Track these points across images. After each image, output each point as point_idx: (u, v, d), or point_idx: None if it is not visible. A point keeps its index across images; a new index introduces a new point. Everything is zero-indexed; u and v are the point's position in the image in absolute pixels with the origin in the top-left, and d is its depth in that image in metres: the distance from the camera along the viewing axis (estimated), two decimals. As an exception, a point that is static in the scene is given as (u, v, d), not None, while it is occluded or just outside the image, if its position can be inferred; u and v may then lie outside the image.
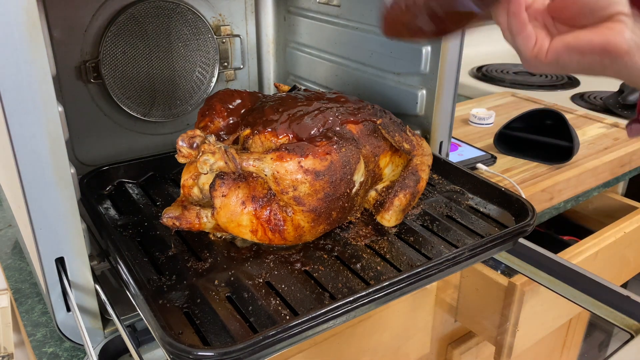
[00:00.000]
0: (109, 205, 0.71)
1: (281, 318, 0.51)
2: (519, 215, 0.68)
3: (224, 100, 0.71)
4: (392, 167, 0.69)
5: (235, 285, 0.56)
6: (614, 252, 0.93)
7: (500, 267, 0.86)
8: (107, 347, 0.58)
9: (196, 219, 0.61)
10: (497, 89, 1.59)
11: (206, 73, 0.94)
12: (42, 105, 0.46)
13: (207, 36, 0.91)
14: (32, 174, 0.48)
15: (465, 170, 0.77)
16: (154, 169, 0.78)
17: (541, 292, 0.81)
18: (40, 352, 0.60)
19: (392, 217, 0.66)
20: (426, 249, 0.63)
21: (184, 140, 0.56)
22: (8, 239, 0.80)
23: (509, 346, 0.85)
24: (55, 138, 0.47)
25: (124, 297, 0.55)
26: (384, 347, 0.83)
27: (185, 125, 0.94)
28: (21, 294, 0.69)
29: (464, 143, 1.08)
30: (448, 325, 0.94)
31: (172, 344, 0.46)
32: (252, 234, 0.60)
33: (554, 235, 1.20)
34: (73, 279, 0.53)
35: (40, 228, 0.50)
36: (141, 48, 0.85)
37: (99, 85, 0.83)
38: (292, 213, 0.59)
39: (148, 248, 0.62)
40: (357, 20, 0.90)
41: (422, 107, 0.85)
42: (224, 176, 0.59)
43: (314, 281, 0.57)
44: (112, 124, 0.87)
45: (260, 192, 0.59)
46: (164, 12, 0.85)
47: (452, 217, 0.69)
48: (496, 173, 0.99)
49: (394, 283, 0.54)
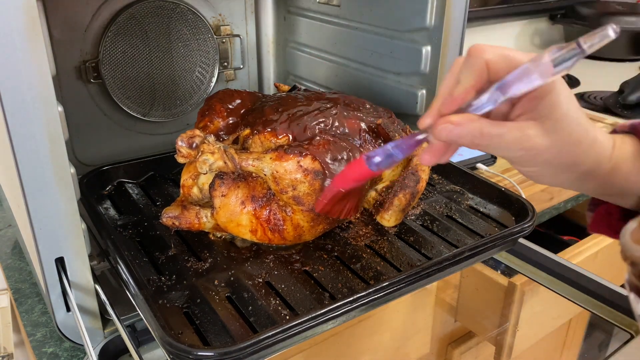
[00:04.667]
0: (108, 205, 0.71)
1: (281, 318, 0.51)
2: (519, 215, 0.68)
3: (224, 100, 0.71)
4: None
5: (235, 285, 0.56)
6: (614, 252, 0.93)
7: (500, 267, 0.86)
8: (107, 347, 0.58)
9: (196, 219, 0.61)
10: (497, 89, 1.59)
11: (206, 73, 0.94)
12: (42, 105, 0.46)
13: (207, 36, 0.91)
14: (32, 174, 0.47)
15: (465, 170, 0.77)
16: (153, 169, 0.78)
17: (541, 292, 0.81)
18: (40, 352, 0.60)
19: (391, 217, 0.66)
20: (426, 249, 0.63)
21: (184, 140, 0.56)
22: (8, 239, 0.80)
23: (509, 346, 0.85)
24: (55, 138, 0.47)
25: (124, 297, 0.55)
26: (384, 347, 0.83)
27: (185, 125, 0.94)
28: (21, 294, 0.69)
29: (464, 143, 1.07)
30: (448, 325, 0.94)
31: (172, 344, 0.46)
32: (252, 233, 0.60)
33: (554, 235, 1.20)
34: (73, 279, 0.53)
35: (40, 228, 0.50)
36: (141, 48, 0.85)
37: (99, 85, 0.83)
38: (291, 213, 0.59)
39: (148, 248, 0.62)
40: (357, 20, 0.90)
41: (422, 107, 0.85)
42: (224, 176, 0.59)
43: (314, 281, 0.57)
44: (112, 124, 0.87)
45: (260, 192, 0.59)
46: (164, 12, 0.85)
47: (452, 217, 0.69)
48: (496, 173, 0.99)
49: (394, 283, 0.54)
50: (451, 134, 0.39)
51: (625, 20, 1.70)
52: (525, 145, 0.39)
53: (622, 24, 1.68)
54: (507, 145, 0.39)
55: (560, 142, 0.39)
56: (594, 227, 0.49)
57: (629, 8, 1.78)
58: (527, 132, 0.39)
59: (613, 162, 0.42)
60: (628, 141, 0.43)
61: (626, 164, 0.42)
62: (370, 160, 0.46)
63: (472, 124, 0.39)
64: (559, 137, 0.39)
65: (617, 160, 0.42)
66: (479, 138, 0.39)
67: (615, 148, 0.42)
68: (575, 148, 0.40)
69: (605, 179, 0.42)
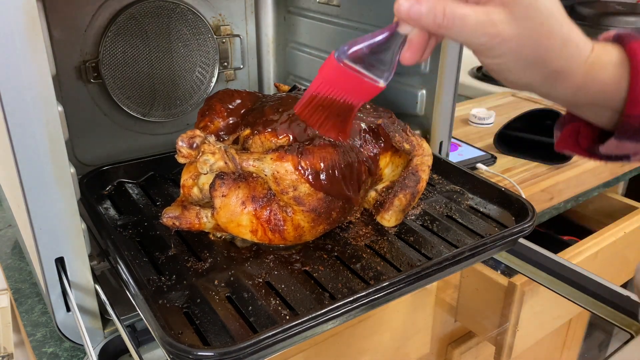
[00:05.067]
0: (108, 205, 0.71)
1: (281, 318, 0.51)
2: (519, 215, 0.68)
3: (224, 100, 0.71)
4: (392, 167, 0.69)
5: (235, 285, 0.56)
6: (614, 252, 0.93)
7: (500, 267, 0.86)
8: (107, 347, 0.58)
9: (196, 219, 0.61)
10: (497, 89, 1.59)
11: (206, 73, 0.94)
12: (42, 105, 0.46)
13: (207, 36, 0.91)
14: (32, 174, 0.47)
15: (465, 170, 0.77)
16: (153, 169, 0.78)
17: (541, 292, 0.81)
18: (40, 352, 0.60)
19: (392, 217, 0.66)
20: (426, 249, 0.63)
21: (184, 140, 0.56)
22: (8, 239, 0.80)
23: (509, 346, 0.85)
24: (55, 138, 0.47)
25: (124, 297, 0.55)
26: (384, 347, 0.83)
27: (185, 125, 0.94)
28: (21, 294, 0.69)
29: (464, 143, 1.08)
30: (448, 325, 0.94)
31: (172, 344, 0.46)
32: (252, 234, 0.60)
33: (554, 235, 1.20)
34: (73, 279, 0.53)
35: (40, 228, 0.50)
36: (141, 48, 0.85)
37: (99, 85, 0.83)
38: (292, 213, 0.59)
39: (148, 248, 0.62)
40: (357, 20, 0.90)
41: (422, 107, 0.85)
42: (224, 176, 0.59)
43: (314, 281, 0.57)
44: (112, 124, 0.87)
45: (260, 192, 0.59)
46: (164, 12, 0.85)
47: (452, 217, 0.69)
48: (496, 173, 0.99)
49: (394, 283, 0.54)
50: (411, 11, 0.38)
51: (625, 20, 1.70)
52: (489, 31, 0.37)
53: (622, 24, 1.68)
54: (471, 29, 0.37)
55: (528, 31, 0.37)
56: (560, 145, 0.46)
57: (629, 8, 1.78)
58: (493, 17, 0.37)
59: (588, 66, 0.39)
60: (611, 50, 0.40)
61: (604, 72, 0.39)
62: (338, 50, 0.44)
63: (435, 1, 0.37)
64: (528, 25, 0.37)
65: (594, 66, 0.39)
66: (440, 18, 0.37)
67: (593, 53, 0.39)
68: (545, 41, 0.37)
69: (578, 85, 0.40)
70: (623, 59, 0.39)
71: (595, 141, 0.42)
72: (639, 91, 0.38)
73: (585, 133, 0.44)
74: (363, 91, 0.48)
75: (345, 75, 0.46)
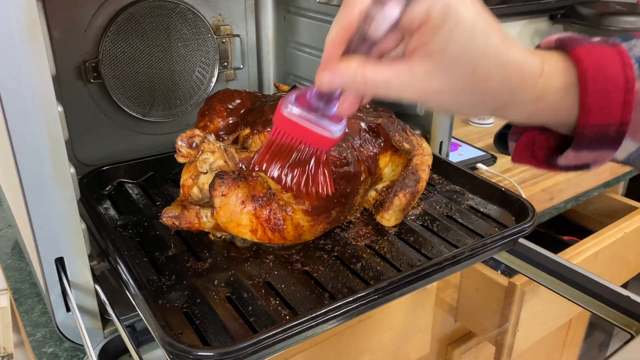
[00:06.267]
0: (108, 205, 0.71)
1: (281, 318, 0.51)
2: (519, 215, 0.68)
3: (224, 100, 0.71)
4: (392, 167, 0.69)
5: (235, 285, 0.56)
6: (614, 252, 0.93)
7: (500, 267, 0.86)
8: (106, 347, 0.58)
9: (196, 219, 0.61)
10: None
11: (206, 73, 0.94)
12: (42, 105, 0.46)
13: (207, 36, 0.91)
14: (32, 174, 0.47)
15: (466, 170, 0.77)
16: (153, 169, 0.78)
17: (541, 292, 0.81)
18: (40, 352, 0.60)
19: (391, 217, 0.66)
20: (426, 249, 0.63)
21: (183, 140, 0.56)
22: (8, 239, 0.80)
23: (509, 346, 0.85)
24: (55, 138, 0.47)
25: (124, 297, 0.55)
26: (384, 347, 0.83)
27: (185, 125, 0.94)
28: (21, 294, 0.69)
29: (464, 143, 1.08)
30: (448, 325, 0.94)
31: (172, 344, 0.46)
32: (252, 233, 0.60)
33: (554, 235, 1.20)
34: (73, 279, 0.53)
35: (40, 228, 0.50)
36: (141, 48, 0.85)
37: (99, 85, 0.83)
38: (291, 212, 0.59)
39: (148, 248, 0.62)
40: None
41: (422, 107, 0.85)
42: (224, 175, 0.59)
43: (314, 281, 0.57)
44: (112, 124, 0.87)
45: (260, 192, 0.59)
46: (164, 12, 0.85)
47: (452, 217, 0.69)
48: (496, 173, 0.99)
49: (393, 283, 0.54)
50: (333, 84, 0.35)
51: (625, 20, 1.70)
52: (415, 88, 0.34)
53: (622, 24, 1.68)
54: (397, 90, 0.34)
55: (460, 81, 0.34)
56: (516, 158, 0.43)
57: (629, 8, 1.78)
58: (417, 73, 0.33)
59: (538, 92, 0.36)
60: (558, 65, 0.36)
61: (556, 96, 0.36)
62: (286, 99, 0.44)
63: (351, 69, 0.34)
64: (459, 75, 0.33)
65: (544, 91, 0.36)
66: (363, 86, 0.35)
67: (542, 77, 0.36)
68: (482, 84, 0.34)
69: (529, 112, 0.37)
70: (568, 66, 0.36)
71: (553, 152, 0.40)
72: (589, 100, 0.35)
73: (541, 143, 0.41)
74: (316, 140, 0.46)
75: (292, 125, 0.45)
